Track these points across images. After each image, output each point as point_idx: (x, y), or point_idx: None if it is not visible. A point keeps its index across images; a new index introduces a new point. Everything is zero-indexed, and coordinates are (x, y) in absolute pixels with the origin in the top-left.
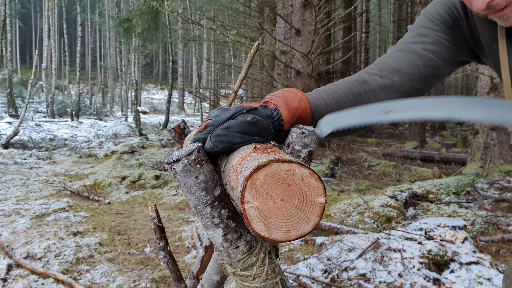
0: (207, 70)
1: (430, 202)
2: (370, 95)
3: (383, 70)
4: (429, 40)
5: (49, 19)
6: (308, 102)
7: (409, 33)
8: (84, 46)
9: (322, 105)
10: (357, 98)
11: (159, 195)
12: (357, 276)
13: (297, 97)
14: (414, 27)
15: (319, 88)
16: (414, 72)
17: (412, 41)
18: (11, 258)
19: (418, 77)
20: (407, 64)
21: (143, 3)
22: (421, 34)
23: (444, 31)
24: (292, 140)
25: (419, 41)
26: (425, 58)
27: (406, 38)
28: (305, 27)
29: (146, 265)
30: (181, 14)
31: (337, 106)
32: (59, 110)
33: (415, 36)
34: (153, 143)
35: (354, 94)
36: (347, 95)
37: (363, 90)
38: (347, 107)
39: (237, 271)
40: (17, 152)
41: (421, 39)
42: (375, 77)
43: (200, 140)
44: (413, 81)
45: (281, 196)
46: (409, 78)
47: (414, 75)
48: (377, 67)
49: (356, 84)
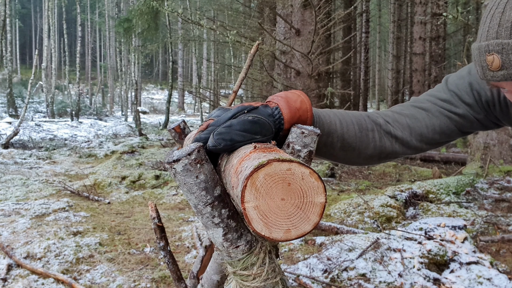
0: (207, 70)
1: (430, 202)
2: (376, 134)
3: (397, 121)
4: (457, 111)
5: (49, 19)
6: (310, 105)
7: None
8: (84, 46)
9: (325, 120)
10: (363, 131)
11: (159, 195)
12: (357, 276)
13: (299, 98)
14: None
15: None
16: (428, 135)
17: (440, 105)
18: (11, 258)
19: (430, 141)
20: (424, 126)
21: (143, 3)
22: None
23: (476, 110)
24: (292, 139)
25: (447, 107)
26: (445, 126)
27: (436, 96)
28: (305, 27)
29: (146, 265)
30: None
31: (340, 129)
32: (59, 110)
33: (445, 100)
34: (153, 143)
35: (361, 127)
36: (354, 124)
37: (371, 127)
38: (350, 135)
39: (237, 271)
40: (17, 152)
41: (450, 107)
42: (387, 123)
43: (201, 140)
44: (423, 142)
45: (281, 195)
46: (420, 138)
47: (426, 138)
48: (393, 117)
49: (367, 119)
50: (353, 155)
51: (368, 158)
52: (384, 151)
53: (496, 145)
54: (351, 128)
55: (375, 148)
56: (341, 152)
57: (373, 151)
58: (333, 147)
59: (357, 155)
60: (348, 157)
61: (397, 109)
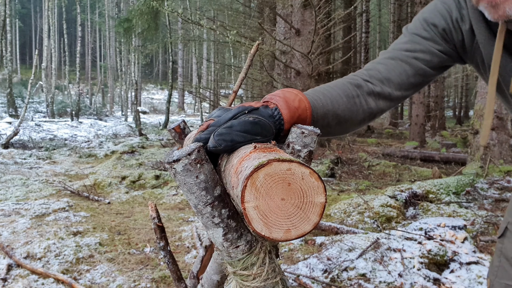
0: (207, 70)
1: (430, 202)
2: (361, 99)
3: (373, 77)
4: (420, 48)
5: (49, 19)
6: (308, 102)
7: (403, 37)
8: (84, 46)
9: (319, 106)
10: (351, 100)
11: (159, 195)
12: (357, 276)
13: (297, 98)
14: (408, 31)
15: (314, 88)
16: (404, 81)
17: (404, 48)
18: (11, 258)
19: (407, 86)
20: (397, 74)
21: (143, 3)
22: (413, 41)
23: (436, 40)
24: (292, 139)
25: (410, 48)
26: (415, 67)
27: (399, 43)
28: (305, 27)
29: (146, 265)
30: (181, 14)
31: (332, 107)
32: (59, 110)
33: (407, 43)
34: (153, 143)
35: (348, 97)
36: (342, 97)
37: (356, 93)
38: (342, 108)
39: (237, 271)
40: (17, 152)
41: (413, 46)
42: (366, 82)
43: (201, 140)
44: (402, 89)
45: (281, 195)
46: (398, 86)
47: (403, 84)
48: (368, 74)
49: (350, 87)
50: (347, 125)
51: (360, 123)
52: (372, 111)
53: (496, 145)
54: (340, 102)
55: (364, 112)
56: (337, 127)
57: (363, 115)
58: (329, 125)
59: (350, 124)
60: (343, 128)
61: (370, 66)
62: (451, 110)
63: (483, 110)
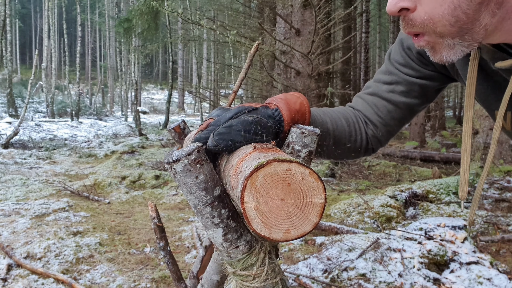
0: (207, 70)
1: (430, 202)
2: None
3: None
4: (396, 80)
5: (49, 19)
6: (308, 106)
7: (383, 66)
8: (84, 46)
9: (318, 120)
10: (350, 125)
11: (159, 195)
12: (357, 276)
13: (298, 100)
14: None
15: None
16: (386, 118)
17: (383, 80)
18: (11, 258)
19: (391, 121)
20: (377, 112)
21: (143, 3)
22: (390, 71)
23: (412, 66)
24: (292, 140)
25: (387, 80)
26: (394, 102)
27: (380, 73)
28: (305, 27)
29: (146, 265)
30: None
31: (331, 126)
32: (59, 110)
33: (386, 73)
34: (153, 143)
35: (348, 121)
36: (341, 119)
37: (356, 120)
38: (340, 130)
39: (237, 271)
40: (17, 152)
41: (390, 78)
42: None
43: (201, 140)
44: (386, 125)
45: (281, 195)
46: (381, 124)
47: (385, 121)
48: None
49: (350, 113)
50: (345, 149)
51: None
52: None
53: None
54: (339, 124)
55: (362, 140)
56: (334, 149)
57: (360, 143)
58: (326, 145)
59: (348, 149)
60: (341, 151)
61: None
62: (451, 110)
63: (483, 110)
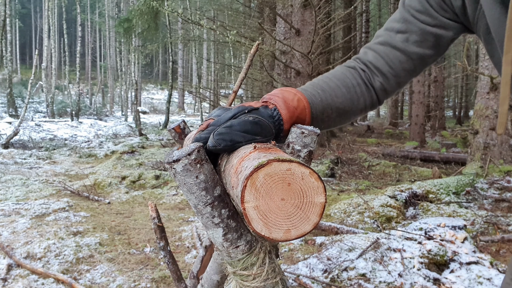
0: (207, 70)
1: (430, 202)
2: (362, 88)
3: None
4: (411, 28)
5: (49, 19)
6: (307, 101)
7: (397, 13)
8: (84, 46)
9: (318, 101)
10: (351, 91)
11: (159, 195)
12: (357, 276)
13: (295, 97)
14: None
15: (313, 81)
16: (397, 69)
17: (396, 29)
18: (11, 258)
19: (402, 72)
20: (388, 62)
21: (143, 3)
22: (404, 19)
23: (430, 13)
24: (292, 139)
25: (401, 29)
26: (407, 52)
27: (392, 21)
28: (305, 27)
29: (146, 265)
30: (181, 14)
31: (332, 100)
32: (59, 110)
33: (399, 21)
34: (153, 143)
35: (348, 87)
36: (341, 88)
37: (356, 82)
38: (341, 100)
39: (237, 271)
40: (17, 152)
41: (404, 26)
42: (363, 71)
43: (201, 140)
44: (397, 77)
45: (281, 195)
46: (391, 75)
47: (397, 73)
48: (363, 61)
49: (349, 75)
50: (348, 116)
51: (361, 111)
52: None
53: (496, 145)
54: (339, 94)
55: (365, 101)
56: (338, 118)
57: (363, 104)
58: (330, 118)
59: (351, 114)
60: (344, 119)
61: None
62: (451, 110)
63: (483, 110)
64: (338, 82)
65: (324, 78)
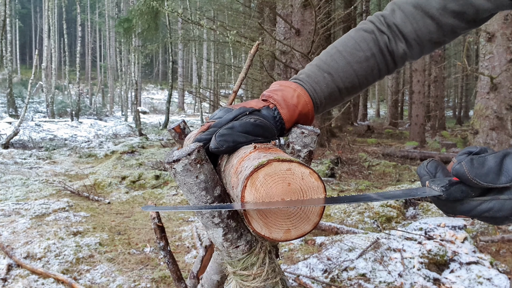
0: (207, 70)
1: (430, 202)
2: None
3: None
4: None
5: (49, 19)
6: (307, 96)
7: None
8: (84, 46)
9: (322, 88)
10: (363, 65)
11: (159, 195)
12: (357, 276)
13: (295, 93)
14: None
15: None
16: (424, 38)
17: None
18: (11, 258)
19: (427, 43)
20: (416, 29)
21: (143, 3)
22: None
23: None
24: (292, 139)
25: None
26: (440, 23)
27: None
28: (305, 27)
29: (146, 265)
30: (181, 14)
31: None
32: (59, 110)
33: None
34: (153, 143)
35: (359, 62)
36: (352, 65)
37: (370, 54)
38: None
39: (237, 271)
40: (17, 152)
41: None
42: (382, 34)
43: (202, 141)
44: (421, 45)
45: (281, 195)
46: (416, 43)
47: (422, 41)
48: (386, 22)
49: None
50: (356, 91)
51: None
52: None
53: (496, 145)
54: (349, 73)
55: (376, 73)
56: (348, 96)
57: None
58: (339, 98)
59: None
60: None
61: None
62: (451, 110)
63: (483, 110)
64: (350, 57)
65: (334, 53)
